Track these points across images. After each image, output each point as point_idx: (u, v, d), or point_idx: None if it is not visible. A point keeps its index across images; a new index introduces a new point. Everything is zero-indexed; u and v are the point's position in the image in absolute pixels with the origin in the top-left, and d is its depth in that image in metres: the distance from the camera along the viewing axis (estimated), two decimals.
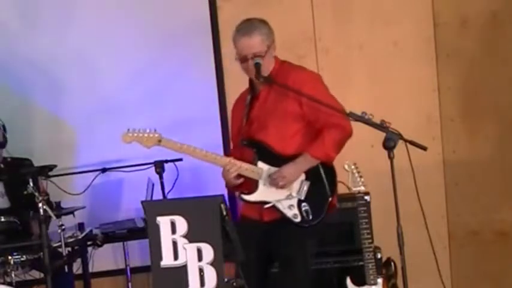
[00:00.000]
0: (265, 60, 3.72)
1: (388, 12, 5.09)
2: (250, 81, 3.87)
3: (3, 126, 4.60)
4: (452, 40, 5.02)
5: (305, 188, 3.71)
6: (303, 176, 3.72)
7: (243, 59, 3.74)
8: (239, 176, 3.74)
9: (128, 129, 3.68)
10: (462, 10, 4.96)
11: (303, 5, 5.11)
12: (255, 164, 3.74)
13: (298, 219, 3.71)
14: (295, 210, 3.71)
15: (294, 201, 3.71)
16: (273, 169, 3.71)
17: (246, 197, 3.77)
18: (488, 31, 4.87)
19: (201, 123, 5.11)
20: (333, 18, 5.13)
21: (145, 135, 3.67)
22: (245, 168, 3.72)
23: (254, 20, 3.80)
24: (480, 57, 4.92)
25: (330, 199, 3.74)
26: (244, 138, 3.81)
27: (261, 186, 3.74)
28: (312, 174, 3.72)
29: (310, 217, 3.70)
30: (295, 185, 3.71)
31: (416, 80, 5.09)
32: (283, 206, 3.72)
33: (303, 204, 3.71)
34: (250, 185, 3.77)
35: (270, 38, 3.76)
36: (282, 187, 3.70)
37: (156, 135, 3.68)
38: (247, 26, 3.75)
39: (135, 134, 3.68)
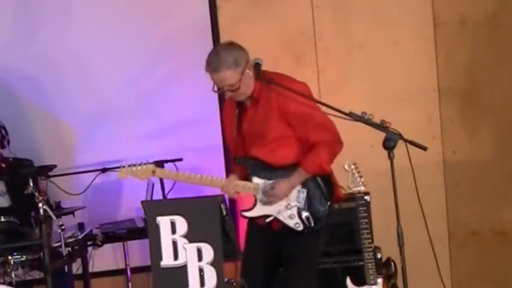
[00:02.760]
0: (242, 84, 3.60)
1: (388, 12, 5.09)
2: None
3: (4, 128, 4.60)
4: (452, 40, 5.02)
5: (302, 196, 3.71)
6: (299, 185, 3.72)
7: (220, 89, 3.66)
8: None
9: (124, 166, 3.75)
10: (462, 10, 4.95)
11: (303, 5, 5.10)
12: (251, 180, 3.74)
13: (301, 228, 3.70)
14: (296, 219, 3.70)
15: (294, 211, 3.71)
16: (269, 183, 3.71)
17: (247, 214, 3.78)
18: (488, 31, 4.86)
19: (201, 123, 5.11)
20: (333, 18, 5.12)
21: (139, 168, 3.73)
22: (242, 185, 3.73)
23: (220, 51, 3.64)
24: (480, 57, 4.92)
25: (329, 202, 3.73)
26: (237, 156, 3.81)
27: (259, 200, 3.75)
28: (307, 182, 3.71)
29: (312, 224, 3.70)
30: (293, 195, 3.71)
31: (416, 80, 5.08)
32: (284, 217, 3.72)
33: (303, 212, 3.70)
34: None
35: (240, 65, 3.58)
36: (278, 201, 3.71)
37: (150, 166, 3.73)
38: (214, 61, 3.59)
39: (129, 169, 3.74)
